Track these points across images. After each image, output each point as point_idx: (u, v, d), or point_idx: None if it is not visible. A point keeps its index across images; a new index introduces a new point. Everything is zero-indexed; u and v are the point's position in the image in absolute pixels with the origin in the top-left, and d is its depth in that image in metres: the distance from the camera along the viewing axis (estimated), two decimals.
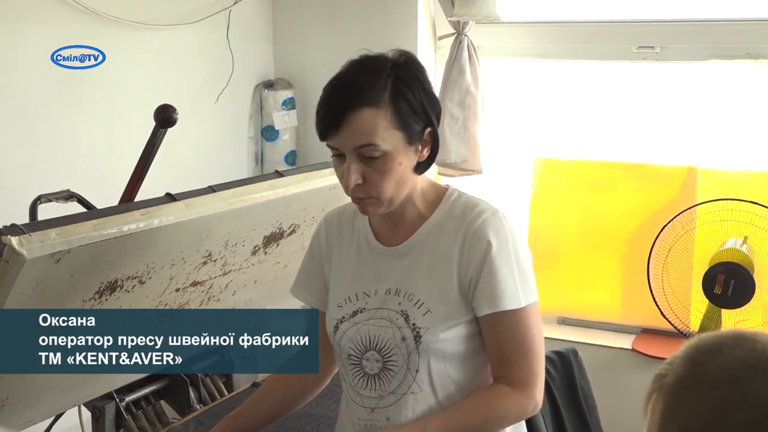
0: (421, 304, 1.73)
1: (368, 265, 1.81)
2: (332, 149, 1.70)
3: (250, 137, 3.90)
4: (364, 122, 1.65)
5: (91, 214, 1.80)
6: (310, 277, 1.92)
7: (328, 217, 1.93)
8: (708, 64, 3.27)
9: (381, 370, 1.77)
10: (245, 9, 3.67)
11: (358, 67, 1.73)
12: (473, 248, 1.71)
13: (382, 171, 1.67)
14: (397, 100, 1.67)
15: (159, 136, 2.43)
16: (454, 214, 1.76)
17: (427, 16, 3.73)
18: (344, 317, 1.80)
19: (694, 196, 3.31)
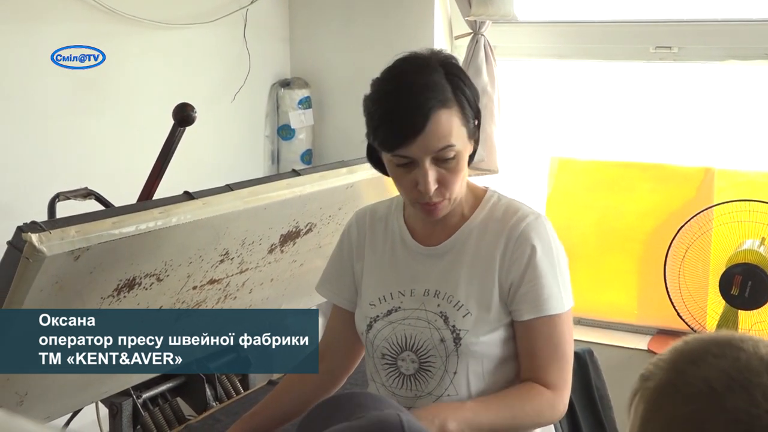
0: (461, 306, 1.71)
1: (403, 264, 1.79)
2: (402, 158, 1.65)
3: (267, 136, 3.91)
4: (442, 124, 1.61)
5: (109, 212, 1.81)
6: (337, 275, 1.90)
7: (359, 215, 1.90)
8: (725, 64, 3.26)
9: (417, 371, 1.75)
10: (262, 8, 3.68)
11: (411, 68, 1.68)
12: (516, 252, 1.69)
13: (455, 171, 1.66)
14: (459, 96, 1.65)
15: (177, 134, 2.43)
16: (495, 216, 1.75)
17: (443, 15, 3.72)
18: (378, 316, 1.78)
19: (711, 197, 3.30)
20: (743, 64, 3.25)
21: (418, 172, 1.64)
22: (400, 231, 1.81)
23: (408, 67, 1.68)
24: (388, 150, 1.66)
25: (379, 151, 1.72)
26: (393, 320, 1.76)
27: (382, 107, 1.66)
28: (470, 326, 1.70)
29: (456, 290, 1.72)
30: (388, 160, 1.69)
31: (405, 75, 1.67)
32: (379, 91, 1.69)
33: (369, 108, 1.70)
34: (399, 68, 1.70)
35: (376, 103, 1.68)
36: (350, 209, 2.44)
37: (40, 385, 1.92)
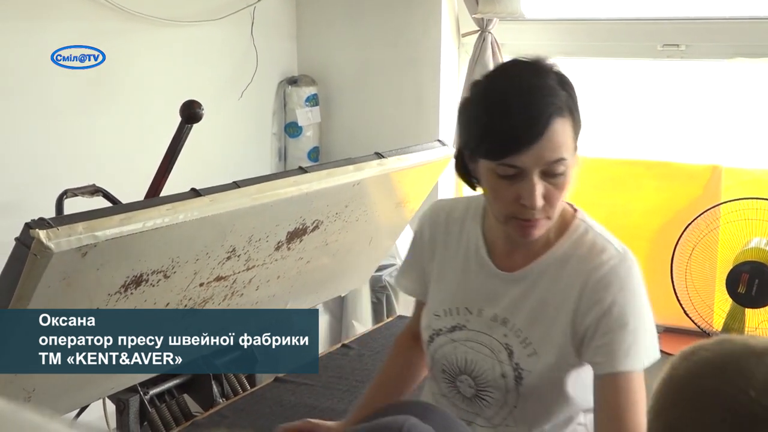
0: (529, 343, 1.58)
1: (475, 280, 1.65)
2: (509, 168, 1.47)
3: (274, 133, 3.91)
4: (558, 134, 1.46)
5: (117, 209, 1.81)
6: (412, 270, 1.78)
7: (434, 212, 1.77)
8: (733, 62, 3.25)
9: (474, 396, 1.65)
10: (269, 5, 3.68)
11: (528, 72, 1.51)
12: (594, 297, 1.54)
13: (562, 188, 1.50)
14: (572, 106, 1.50)
15: (184, 131, 2.44)
16: (579, 252, 1.58)
17: (450, 13, 3.72)
18: (441, 330, 1.67)
19: (718, 195, 3.29)
20: (750, 62, 3.24)
21: (523, 186, 1.47)
22: (476, 243, 1.67)
23: (523, 68, 1.52)
24: (495, 158, 1.48)
25: (472, 161, 1.56)
26: (456, 338, 1.65)
27: (493, 109, 1.48)
28: (533, 367, 1.57)
29: (525, 324, 1.59)
30: (489, 170, 1.51)
31: (520, 76, 1.51)
32: (488, 92, 1.51)
33: (473, 111, 1.52)
34: (511, 69, 1.55)
35: (483, 105, 1.50)
36: (357, 207, 2.44)
37: (47, 382, 1.92)
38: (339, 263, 2.65)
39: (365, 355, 2.66)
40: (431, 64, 3.71)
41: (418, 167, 2.62)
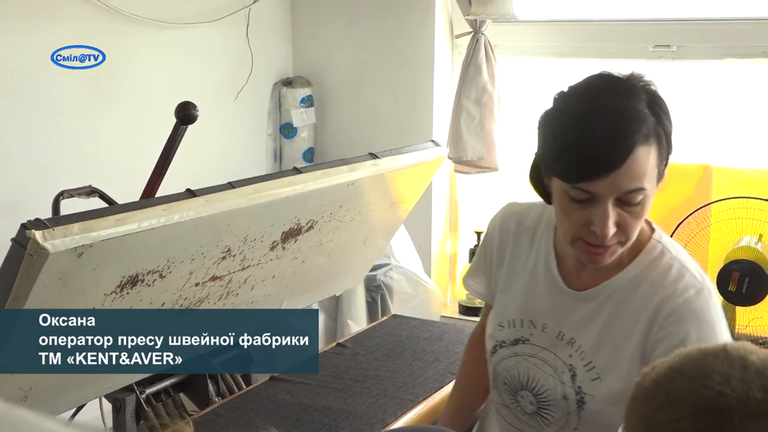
0: (593, 368, 1.52)
1: (542, 294, 1.60)
2: (583, 193, 1.40)
3: (269, 134, 3.91)
4: (639, 163, 1.37)
5: (112, 209, 1.81)
6: (481, 273, 1.74)
7: (504, 219, 1.71)
8: (724, 62, 3.26)
9: (535, 413, 1.60)
10: (265, 7, 3.68)
11: (614, 90, 1.40)
12: (665, 330, 1.46)
13: (638, 215, 1.42)
14: (660, 133, 1.40)
15: (180, 132, 2.44)
16: (652, 277, 1.50)
17: (444, 14, 3.72)
18: (504, 342, 1.63)
19: (709, 194, 3.30)
20: (741, 63, 3.25)
21: (595, 211, 1.40)
22: (546, 257, 1.61)
23: (609, 87, 1.41)
24: (569, 181, 1.40)
25: (547, 175, 1.49)
26: (519, 352, 1.60)
27: (574, 130, 1.40)
28: (596, 392, 1.52)
29: (591, 347, 1.53)
30: (561, 191, 1.44)
31: (606, 96, 1.39)
32: (570, 109, 1.43)
33: (553, 127, 1.46)
34: (598, 87, 1.43)
35: (564, 121, 1.43)
36: (351, 207, 2.44)
37: (44, 381, 1.91)
38: (334, 263, 2.65)
39: (360, 353, 2.66)
40: (425, 66, 3.72)
41: (412, 167, 2.62)
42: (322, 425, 2.19)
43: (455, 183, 3.89)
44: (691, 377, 0.94)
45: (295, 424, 2.20)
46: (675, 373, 0.96)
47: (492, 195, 3.81)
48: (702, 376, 0.93)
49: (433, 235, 3.81)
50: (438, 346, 2.71)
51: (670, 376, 0.96)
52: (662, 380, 0.97)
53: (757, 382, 0.91)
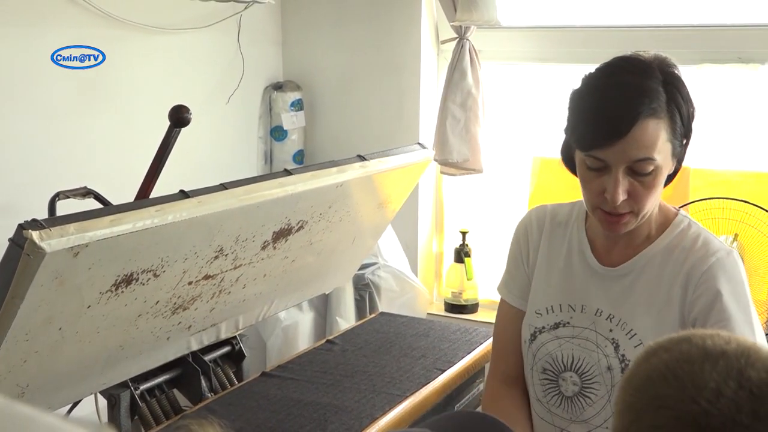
0: (634, 335, 1.56)
1: (578, 277, 1.64)
2: (596, 161, 1.49)
3: (260, 137, 3.91)
4: (647, 134, 1.44)
5: (107, 210, 1.80)
6: (516, 279, 1.76)
7: (539, 216, 1.75)
8: (701, 68, 3.27)
9: (576, 394, 1.61)
10: (255, 14, 3.67)
11: (627, 70, 1.50)
12: (701, 288, 1.52)
13: (650, 186, 1.49)
14: (672, 109, 1.47)
15: (173, 135, 2.43)
16: (683, 244, 1.57)
17: (430, 20, 3.73)
18: (544, 327, 1.65)
19: (687, 195, 3.31)
20: (717, 68, 3.26)
21: (608, 179, 1.48)
22: (579, 242, 1.66)
23: (625, 66, 1.50)
24: (583, 149, 1.51)
25: (573, 149, 1.58)
26: (560, 335, 1.62)
27: (588, 102, 1.50)
28: None
29: (631, 317, 1.57)
30: (580, 160, 1.54)
31: (620, 73, 1.49)
32: (589, 85, 1.52)
33: (574, 101, 1.54)
34: (615, 66, 1.52)
35: (582, 97, 1.52)
36: (340, 207, 2.45)
37: (40, 378, 1.91)
38: (323, 262, 2.65)
39: (349, 350, 2.67)
40: (411, 70, 3.72)
41: (399, 169, 2.62)
42: (311, 419, 2.19)
43: (441, 184, 3.89)
44: (682, 386, 0.88)
45: (285, 418, 2.20)
46: (669, 374, 0.90)
47: (477, 196, 3.82)
48: (694, 386, 0.87)
49: (419, 235, 3.81)
50: (425, 342, 2.72)
51: (663, 376, 0.91)
52: (655, 377, 0.91)
53: (747, 406, 0.85)
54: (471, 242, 3.74)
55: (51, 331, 1.81)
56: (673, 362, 0.92)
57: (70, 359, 1.95)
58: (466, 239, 3.73)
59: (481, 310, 3.77)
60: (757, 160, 3.29)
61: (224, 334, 2.49)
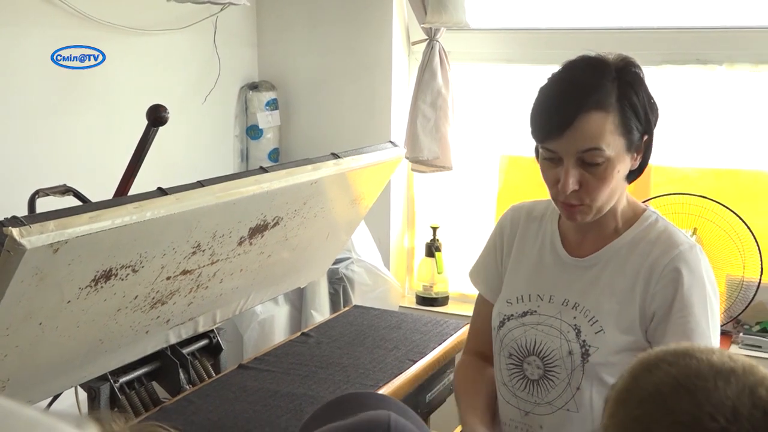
0: (596, 321, 1.58)
1: (549, 269, 1.67)
2: (548, 152, 1.54)
3: (236, 136, 3.89)
4: (592, 125, 1.48)
5: (86, 207, 1.79)
6: (485, 268, 1.80)
7: (514, 212, 1.79)
8: (661, 68, 3.30)
9: (540, 378, 1.63)
10: (231, 15, 3.65)
11: (580, 67, 1.55)
12: (663, 280, 1.55)
13: (601, 178, 1.51)
14: (624, 104, 1.50)
15: (151, 134, 2.42)
16: (648, 237, 1.60)
17: (401, 23, 3.73)
18: (513, 315, 1.68)
19: (648, 191, 3.34)
20: (677, 69, 3.29)
21: (560, 170, 1.52)
22: (551, 236, 1.69)
23: (580, 64, 1.55)
24: (537, 141, 1.56)
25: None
26: (526, 323, 1.65)
27: (541, 97, 1.55)
28: (600, 344, 1.57)
29: (595, 306, 1.59)
30: (540, 153, 1.58)
31: (573, 70, 1.55)
32: (546, 83, 1.57)
33: (535, 97, 1.59)
34: (573, 64, 1.57)
35: (539, 92, 1.57)
36: (314, 204, 2.44)
37: (21, 372, 1.89)
38: (298, 257, 2.65)
39: (323, 342, 2.66)
40: (383, 71, 3.72)
41: (372, 167, 2.62)
42: (287, 410, 2.19)
43: (412, 181, 3.90)
44: (698, 403, 0.86)
45: (262, 409, 2.19)
46: (681, 389, 0.88)
47: (447, 193, 3.83)
48: (710, 404, 0.85)
49: (391, 231, 3.82)
50: (397, 334, 2.72)
51: (675, 390, 0.88)
52: (666, 391, 0.89)
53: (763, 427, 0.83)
54: (441, 237, 3.75)
55: (31, 326, 1.79)
56: (683, 377, 0.89)
57: (50, 353, 1.93)
58: (437, 234, 3.73)
59: (451, 303, 3.78)
60: (714, 157, 3.32)
61: (202, 327, 2.48)
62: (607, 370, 1.57)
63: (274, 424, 2.11)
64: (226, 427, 2.10)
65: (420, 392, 2.52)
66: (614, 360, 1.56)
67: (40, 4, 2.90)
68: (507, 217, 1.80)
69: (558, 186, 1.54)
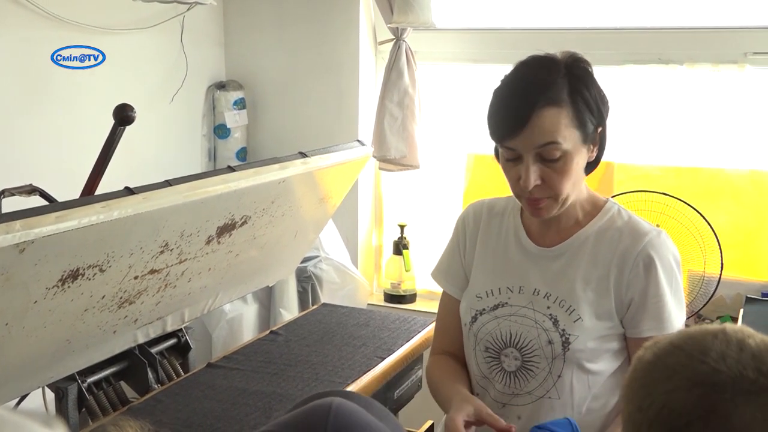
0: (573, 310, 1.60)
1: (515, 261, 1.68)
2: (508, 151, 1.56)
3: (204, 135, 3.86)
4: (547, 121, 1.51)
5: (53, 207, 1.77)
6: (449, 265, 1.81)
7: (475, 209, 1.80)
8: (623, 68, 3.33)
9: (519, 369, 1.64)
10: (198, 15, 3.63)
11: (532, 66, 1.58)
12: (636, 268, 1.58)
13: (561, 171, 1.54)
14: (576, 98, 1.54)
15: (118, 133, 2.39)
16: (614, 227, 1.63)
17: (368, 22, 3.73)
18: (484, 309, 1.68)
19: (611, 188, 3.37)
20: (639, 68, 3.32)
21: (521, 167, 1.54)
22: (515, 228, 1.71)
23: (531, 63, 1.59)
24: (496, 140, 1.58)
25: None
26: (499, 315, 1.66)
27: (496, 98, 1.58)
28: (580, 332, 1.59)
29: (570, 295, 1.61)
30: (500, 153, 1.60)
31: (524, 69, 1.58)
32: (500, 83, 1.60)
33: (491, 98, 1.61)
34: (524, 63, 1.60)
35: (494, 94, 1.60)
36: (282, 203, 2.43)
37: None
38: (267, 256, 2.64)
39: (292, 340, 2.66)
40: (350, 70, 3.72)
41: (340, 165, 2.62)
42: (256, 408, 2.18)
43: (380, 180, 3.90)
44: (689, 353, 0.94)
45: (231, 407, 2.18)
46: (675, 348, 0.96)
47: (414, 191, 3.83)
48: (700, 352, 0.93)
49: (359, 229, 3.82)
50: (365, 331, 2.72)
51: (670, 351, 0.96)
52: (662, 354, 0.97)
53: (752, 363, 0.91)
54: (409, 235, 3.75)
55: None
56: (677, 340, 0.98)
57: (17, 354, 1.90)
58: (404, 232, 3.74)
59: (419, 300, 3.78)
60: (676, 155, 3.36)
61: (170, 326, 2.46)
62: (586, 356, 1.60)
63: (243, 422, 2.10)
64: (195, 426, 2.09)
65: (388, 389, 2.52)
66: (593, 346, 1.60)
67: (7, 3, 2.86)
68: (469, 213, 1.81)
69: (520, 182, 1.56)
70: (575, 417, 1.60)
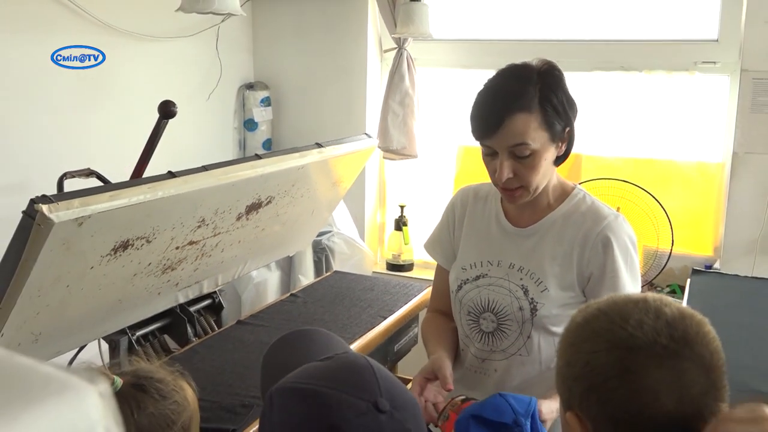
0: (541, 282, 1.60)
1: (495, 239, 1.68)
2: (486, 148, 1.56)
3: (235, 128, 3.85)
4: (518, 125, 1.50)
5: (107, 188, 1.76)
6: (440, 240, 1.81)
7: (463, 193, 1.80)
8: (591, 74, 3.30)
9: (494, 330, 1.65)
10: (231, 25, 3.61)
11: (508, 76, 1.57)
12: (596, 248, 1.58)
13: (531, 166, 1.54)
14: (545, 104, 1.52)
15: (162, 125, 2.38)
16: (579, 210, 1.62)
17: (375, 33, 3.70)
18: (468, 279, 1.69)
19: (579, 176, 3.35)
20: (604, 74, 3.29)
21: (497, 162, 1.54)
22: (496, 211, 1.71)
23: (507, 73, 1.57)
24: (476, 138, 1.58)
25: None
26: (480, 285, 1.67)
27: (476, 102, 1.56)
28: (546, 301, 1.59)
29: (539, 268, 1.61)
30: (481, 149, 1.60)
31: (500, 78, 1.57)
32: (483, 87, 1.58)
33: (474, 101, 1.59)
34: (501, 72, 1.59)
35: (476, 96, 1.58)
36: (301, 185, 2.42)
37: (51, 327, 1.86)
38: (288, 230, 2.63)
39: (309, 302, 2.65)
40: (359, 74, 3.69)
41: (350, 154, 2.60)
42: None
43: (384, 167, 3.88)
44: (611, 319, 0.92)
45: (257, 358, 2.17)
46: (601, 313, 0.95)
47: (413, 177, 3.82)
48: (621, 319, 0.92)
49: (366, 208, 3.80)
50: (370, 295, 2.72)
51: (596, 316, 0.95)
52: (590, 318, 0.95)
53: (665, 330, 0.89)
54: (408, 214, 3.74)
55: (59, 289, 1.76)
56: (604, 306, 0.96)
57: (76, 311, 1.90)
58: (404, 211, 3.73)
59: (416, 269, 3.78)
60: (635, 148, 3.34)
61: (206, 289, 2.46)
62: (551, 320, 1.60)
63: None
64: (227, 373, 2.09)
65: (389, 343, 2.52)
66: (557, 312, 1.60)
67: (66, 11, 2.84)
68: (457, 197, 1.81)
69: (496, 175, 1.56)
70: (543, 372, 1.62)
